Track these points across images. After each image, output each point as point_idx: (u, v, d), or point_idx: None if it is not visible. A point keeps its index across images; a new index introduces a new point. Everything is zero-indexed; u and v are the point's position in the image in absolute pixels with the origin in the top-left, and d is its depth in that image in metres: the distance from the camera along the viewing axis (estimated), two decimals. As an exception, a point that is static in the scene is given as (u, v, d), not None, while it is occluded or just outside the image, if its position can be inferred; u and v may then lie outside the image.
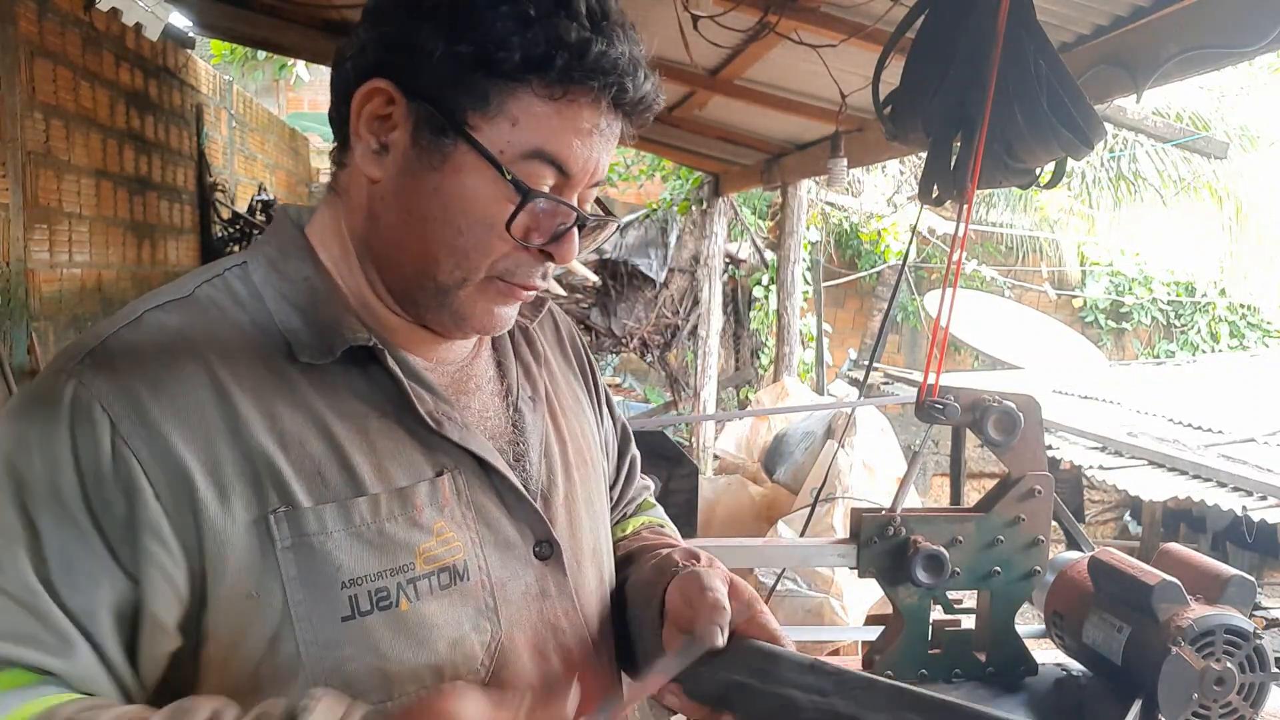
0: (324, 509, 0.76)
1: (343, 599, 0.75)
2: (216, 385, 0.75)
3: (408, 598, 0.78)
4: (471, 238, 0.78)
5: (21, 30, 3.86)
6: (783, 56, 3.22)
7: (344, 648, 0.75)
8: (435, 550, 0.80)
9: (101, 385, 0.72)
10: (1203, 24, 1.91)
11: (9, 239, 3.80)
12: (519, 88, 0.75)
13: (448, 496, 0.82)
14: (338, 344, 0.80)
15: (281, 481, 0.75)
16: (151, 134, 5.41)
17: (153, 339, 0.76)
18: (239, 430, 0.75)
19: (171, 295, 0.80)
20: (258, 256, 0.84)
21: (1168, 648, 1.23)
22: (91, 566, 0.70)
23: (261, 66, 11.49)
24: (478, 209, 0.78)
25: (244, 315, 0.80)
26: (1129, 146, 9.13)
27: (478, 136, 0.76)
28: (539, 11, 0.74)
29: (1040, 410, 1.47)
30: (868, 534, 1.43)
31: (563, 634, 0.89)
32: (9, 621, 0.69)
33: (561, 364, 1.04)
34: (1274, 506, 3.98)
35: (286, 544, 0.74)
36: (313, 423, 0.78)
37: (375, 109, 0.78)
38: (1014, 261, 11.23)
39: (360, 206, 0.82)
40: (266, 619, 0.74)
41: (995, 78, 1.53)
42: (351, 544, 0.76)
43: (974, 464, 7.67)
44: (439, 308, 0.83)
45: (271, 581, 0.74)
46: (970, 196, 1.61)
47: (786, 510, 4.15)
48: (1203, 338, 11.80)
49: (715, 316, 6.68)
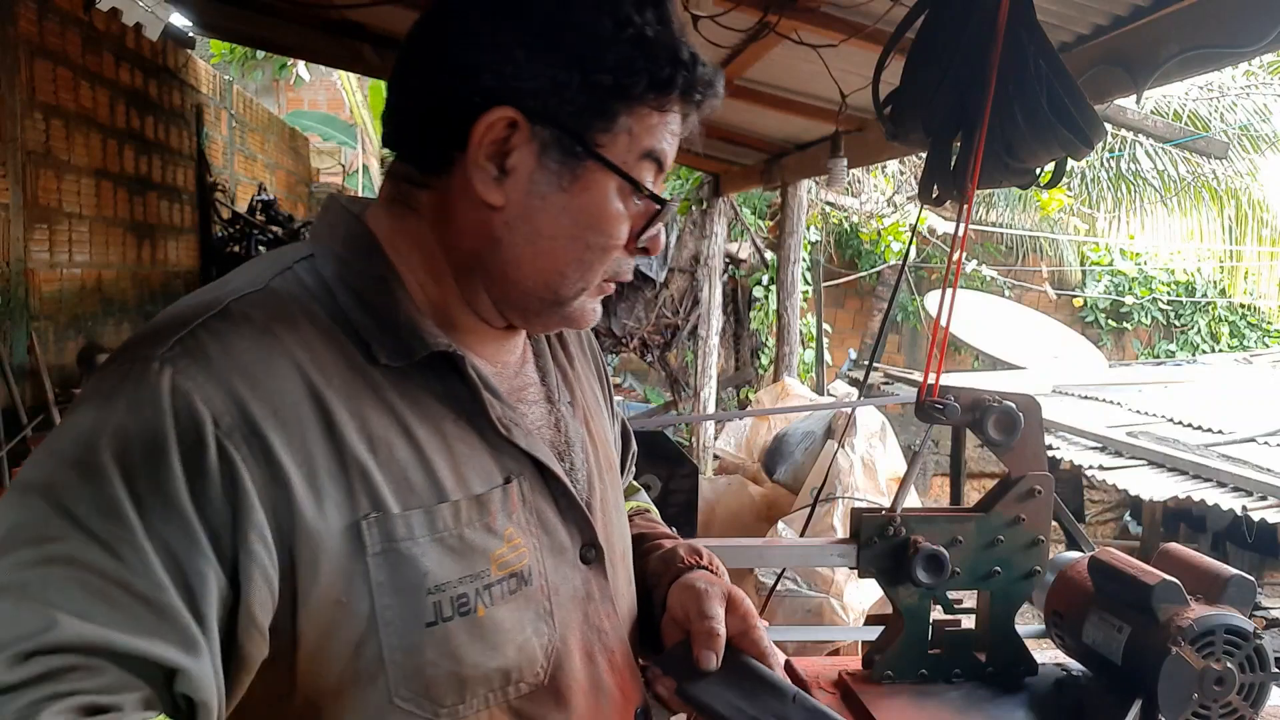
0: (412, 515, 0.76)
1: (428, 605, 0.76)
2: (308, 384, 0.74)
3: (484, 603, 0.79)
4: (597, 249, 0.82)
5: (21, 30, 3.86)
6: (783, 56, 3.22)
7: (426, 653, 0.76)
8: (506, 556, 0.81)
9: (199, 378, 0.70)
10: (1203, 24, 1.91)
11: (9, 239, 3.80)
12: (637, 104, 0.79)
13: (515, 503, 0.83)
14: (418, 348, 0.79)
15: (372, 486, 0.74)
16: (151, 134, 5.42)
17: (242, 332, 0.74)
18: (333, 432, 0.74)
19: (247, 286, 0.78)
20: (325, 251, 0.83)
21: (1168, 648, 1.23)
22: (201, 566, 0.67)
23: (261, 66, 11.50)
24: (605, 222, 0.81)
25: (320, 312, 0.78)
26: (1129, 146, 9.13)
27: (605, 154, 0.79)
28: (653, 33, 0.78)
29: (1040, 410, 1.47)
30: (868, 534, 1.43)
31: (605, 636, 0.91)
32: (137, 616, 0.65)
33: (585, 366, 1.06)
34: (1274, 506, 3.98)
35: (377, 550, 0.74)
36: (397, 426, 0.78)
37: (495, 136, 0.78)
38: (1014, 261, 11.23)
39: (471, 230, 0.81)
40: (353, 624, 0.74)
41: (995, 78, 1.53)
42: (436, 550, 0.77)
43: (974, 464, 7.67)
44: (550, 315, 0.86)
45: (360, 587, 0.73)
46: (970, 196, 1.61)
47: (786, 510, 4.15)
48: (1203, 338, 11.80)
49: (715, 316, 6.68)
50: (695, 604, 0.92)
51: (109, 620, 0.63)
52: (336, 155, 11.52)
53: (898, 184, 9.00)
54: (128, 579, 0.64)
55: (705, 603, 0.92)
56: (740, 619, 0.92)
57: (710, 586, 0.94)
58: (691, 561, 1.00)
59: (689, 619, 0.92)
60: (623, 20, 0.77)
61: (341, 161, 11.59)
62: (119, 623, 0.63)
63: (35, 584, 0.62)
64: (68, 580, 0.63)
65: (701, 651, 0.89)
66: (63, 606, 0.62)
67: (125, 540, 0.65)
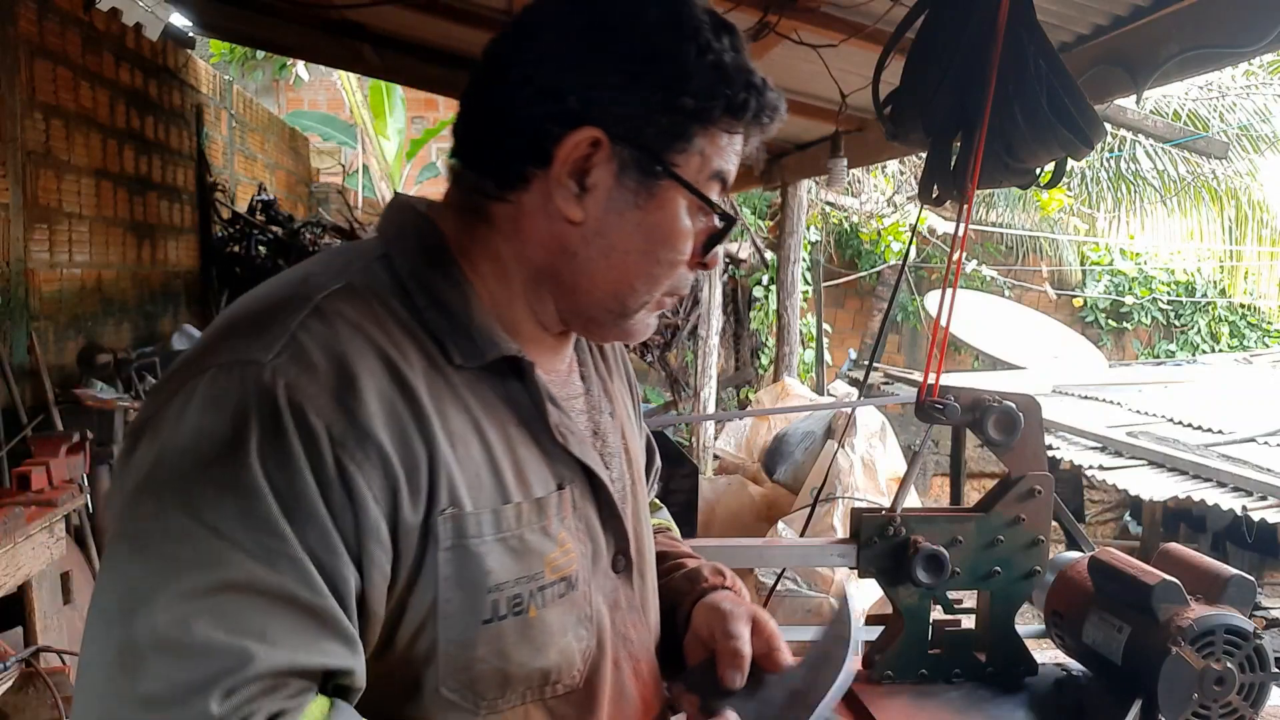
0: (481, 514, 0.78)
1: (487, 603, 0.78)
2: (400, 381, 0.76)
3: (535, 605, 0.81)
4: (666, 264, 0.85)
5: (21, 30, 3.86)
6: (783, 56, 3.22)
7: (478, 648, 0.78)
8: (558, 560, 0.84)
9: (308, 388, 0.72)
10: (1203, 24, 1.91)
11: (9, 239, 3.80)
12: (711, 127, 0.83)
13: (568, 508, 0.86)
14: (490, 351, 0.82)
15: (453, 482, 0.77)
16: (151, 134, 5.42)
17: (339, 334, 0.76)
18: (424, 427, 0.76)
19: (330, 282, 0.79)
20: (401, 252, 0.84)
21: (1168, 648, 1.23)
22: (343, 570, 0.71)
23: (261, 66, 11.50)
24: (675, 238, 0.84)
25: (401, 309, 0.81)
26: (1129, 146, 9.13)
27: (680, 173, 0.83)
28: (729, 60, 0.82)
29: (1040, 410, 1.47)
30: (868, 534, 1.43)
31: (631, 645, 0.93)
32: (309, 629, 0.69)
33: (620, 381, 1.09)
34: (1274, 506, 3.98)
35: (447, 545, 0.76)
36: (471, 426, 0.80)
37: (578, 154, 0.81)
38: (1014, 261, 11.23)
39: (545, 242, 0.84)
40: (415, 613, 0.77)
41: (995, 78, 1.53)
42: (499, 550, 0.79)
43: (974, 464, 7.66)
44: (613, 326, 0.89)
45: (428, 578, 0.76)
46: (970, 196, 1.61)
47: (786, 510, 4.15)
48: (1203, 338, 11.80)
49: (715, 316, 6.68)
50: (721, 624, 0.94)
51: (288, 640, 0.68)
52: (336, 155, 11.52)
53: (898, 184, 9.00)
54: (292, 591, 0.69)
55: (731, 623, 0.94)
56: (765, 640, 0.94)
57: (736, 607, 0.96)
58: (716, 582, 1.03)
59: (714, 638, 0.94)
60: (703, 47, 0.80)
61: (341, 161, 11.58)
62: (296, 640, 0.68)
63: (215, 614, 0.66)
64: (244, 606, 0.67)
65: (726, 670, 0.91)
66: (249, 634, 0.66)
67: (282, 554, 0.69)
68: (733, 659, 0.91)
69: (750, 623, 0.95)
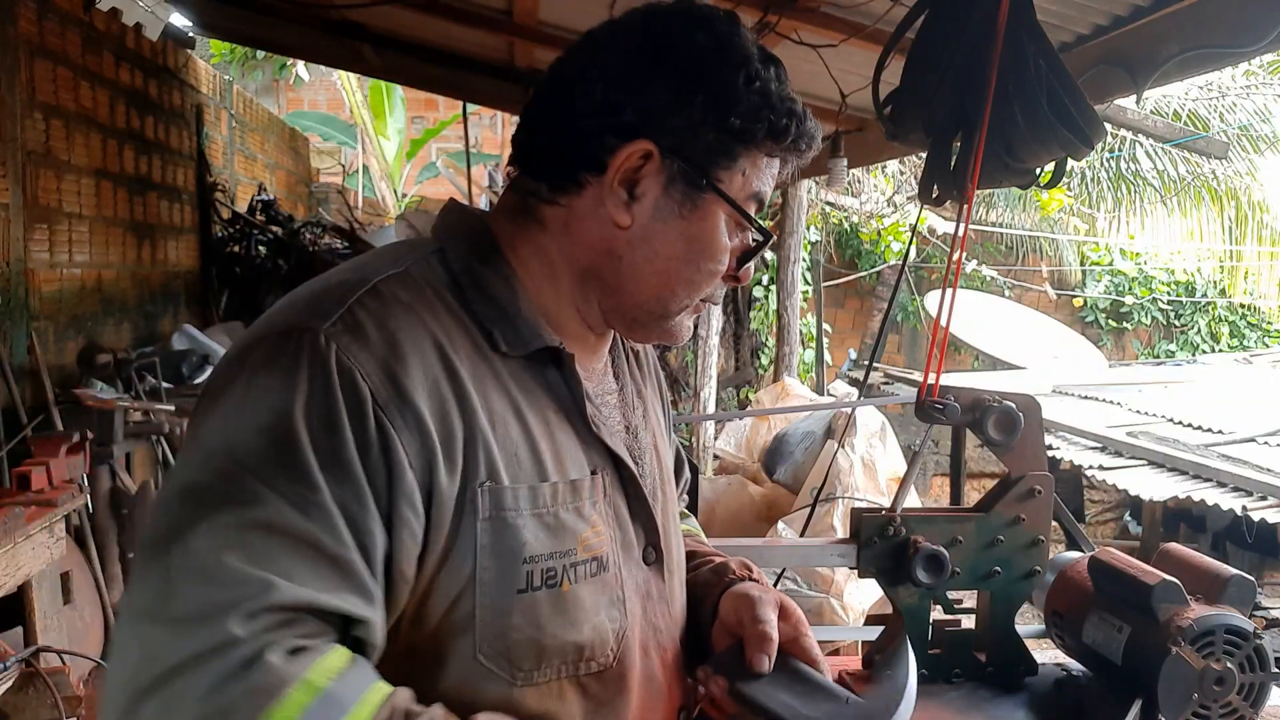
0: (519, 489, 0.84)
1: (521, 573, 0.83)
2: (446, 361, 0.82)
3: (569, 579, 0.86)
4: (705, 273, 0.92)
5: (21, 30, 3.86)
6: (783, 56, 3.20)
7: (513, 617, 0.83)
8: (590, 540, 0.89)
9: (359, 354, 0.78)
10: (1203, 24, 1.91)
11: (9, 239, 3.80)
12: (754, 149, 0.91)
13: (600, 494, 0.92)
14: (533, 342, 0.89)
15: (491, 457, 0.83)
16: (151, 134, 5.42)
17: (392, 311, 0.82)
18: (464, 405, 0.82)
19: (388, 268, 0.86)
20: (455, 248, 0.91)
21: (1168, 648, 1.23)
22: (371, 525, 0.76)
23: (261, 66, 11.50)
24: (716, 249, 0.92)
25: (452, 299, 0.88)
26: (1129, 146, 9.13)
27: (723, 189, 0.90)
28: (775, 89, 0.90)
29: (1040, 410, 1.47)
30: (868, 534, 1.43)
31: (660, 634, 0.98)
32: (330, 575, 0.73)
33: (651, 389, 1.14)
34: (1274, 506, 3.98)
35: (486, 516, 0.82)
36: (512, 408, 0.86)
37: (630, 164, 0.88)
38: (1014, 261, 11.23)
39: (593, 243, 0.91)
40: (455, 580, 0.81)
41: (995, 78, 1.53)
42: (534, 524, 0.85)
43: (974, 464, 7.66)
44: (655, 327, 0.95)
45: (466, 547, 0.81)
46: (970, 196, 1.61)
47: (786, 510, 4.15)
48: (1203, 338, 11.80)
49: (715, 316, 6.67)
50: (749, 609, 0.98)
51: (310, 581, 0.72)
52: (336, 155, 11.52)
53: (898, 184, 9.00)
54: (319, 538, 0.73)
55: (759, 608, 0.97)
56: (792, 626, 0.98)
57: (764, 594, 1.00)
58: (743, 574, 1.07)
59: (742, 623, 0.98)
60: (752, 75, 0.88)
61: (341, 161, 11.58)
62: (317, 583, 0.73)
63: (245, 547, 0.71)
64: (272, 544, 0.72)
65: (754, 654, 0.93)
66: (275, 568, 0.71)
67: (314, 502, 0.73)
68: (761, 643, 0.94)
69: (778, 609, 0.99)
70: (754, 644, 0.94)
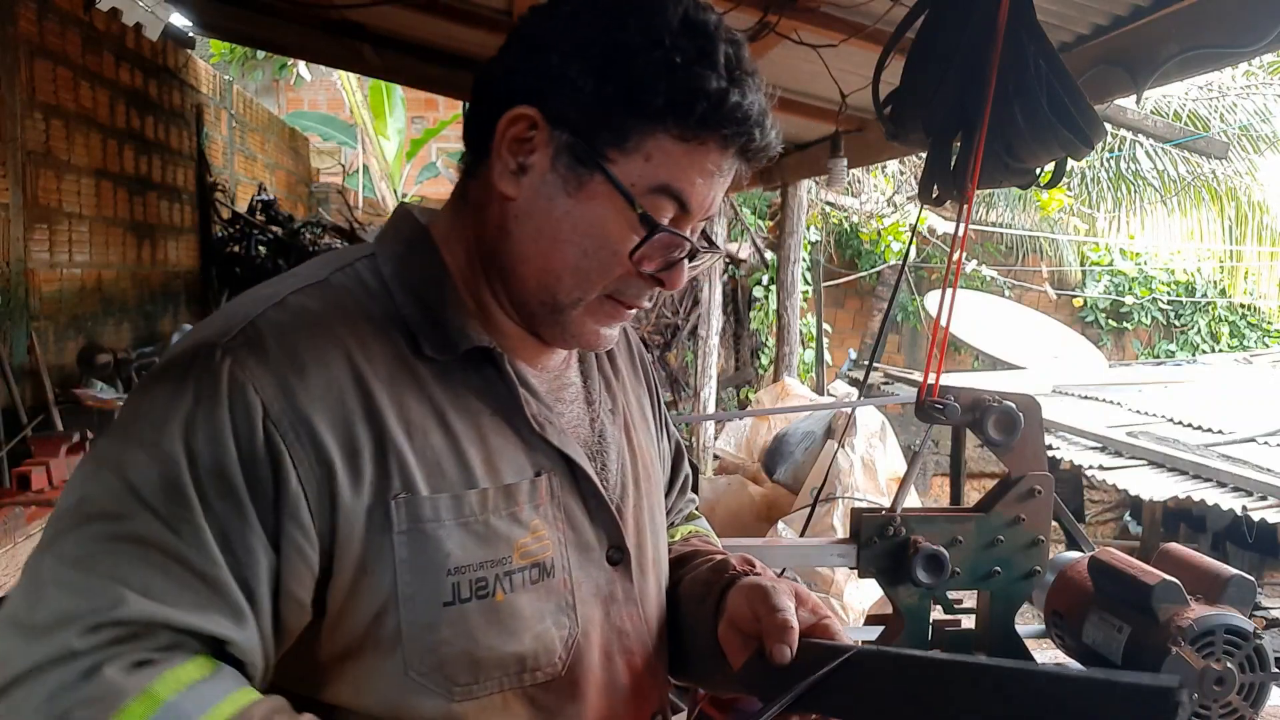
0: (439, 498, 0.80)
1: (446, 585, 0.80)
2: (354, 371, 0.79)
3: (503, 589, 0.82)
4: (595, 261, 0.83)
5: (21, 30, 3.86)
6: (783, 56, 3.22)
7: (442, 630, 0.80)
8: (530, 546, 0.85)
9: (254, 367, 0.76)
10: (1203, 24, 1.91)
11: (9, 239, 3.80)
12: (657, 129, 0.80)
13: (544, 496, 0.87)
14: (461, 343, 0.84)
15: (406, 468, 0.79)
16: (151, 134, 5.42)
17: (297, 322, 0.80)
18: (374, 415, 0.79)
19: (308, 279, 0.84)
20: (386, 251, 0.88)
21: (1168, 648, 1.23)
22: (251, 542, 0.74)
23: (261, 66, 11.49)
24: (605, 236, 0.83)
25: (375, 305, 0.84)
26: (1129, 146, 9.12)
27: (613, 169, 0.81)
28: (684, 59, 0.79)
29: (1040, 410, 1.47)
30: (868, 534, 1.43)
31: (627, 638, 0.93)
32: (192, 591, 0.72)
33: (633, 379, 1.09)
34: (1274, 506, 3.98)
35: (402, 529, 0.78)
36: (434, 415, 0.82)
37: (518, 132, 0.83)
38: (1014, 261, 11.22)
39: (491, 219, 0.87)
40: (375, 596, 0.78)
41: (995, 78, 1.53)
42: (460, 534, 0.81)
43: (974, 464, 7.67)
44: (552, 323, 0.88)
45: (384, 561, 0.78)
46: (970, 196, 1.61)
47: (786, 510, 4.15)
48: (1203, 338, 11.80)
49: (715, 316, 6.68)
50: (764, 600, 0.90)
51: (168, 596, 0.71)
52: (336, 155, 11.51)
53: (898, 184, 8.99)
54: (186, 555, 0.72)
55: (774, 597, 0.89)
56: (810, 611, 0.91)
57: (776, 583, 0.93)
58: (745, 569, 1.00)
59: (758, 617, 0.89)
60: (654, 41, 0.79)
61: (341, 161, 11.57)
62: (177, 599, 0.71)
63: (107, 559, 0.71)
64: (134, 558, 0.71)
65: (775, 645, 0.86)
66: (129, 583, 0.70)
67: (185, 519, 0.72)
68: (781, 633, 0.86)
69: (794, 597, 0.91)
70: (773, 635, 0.86)
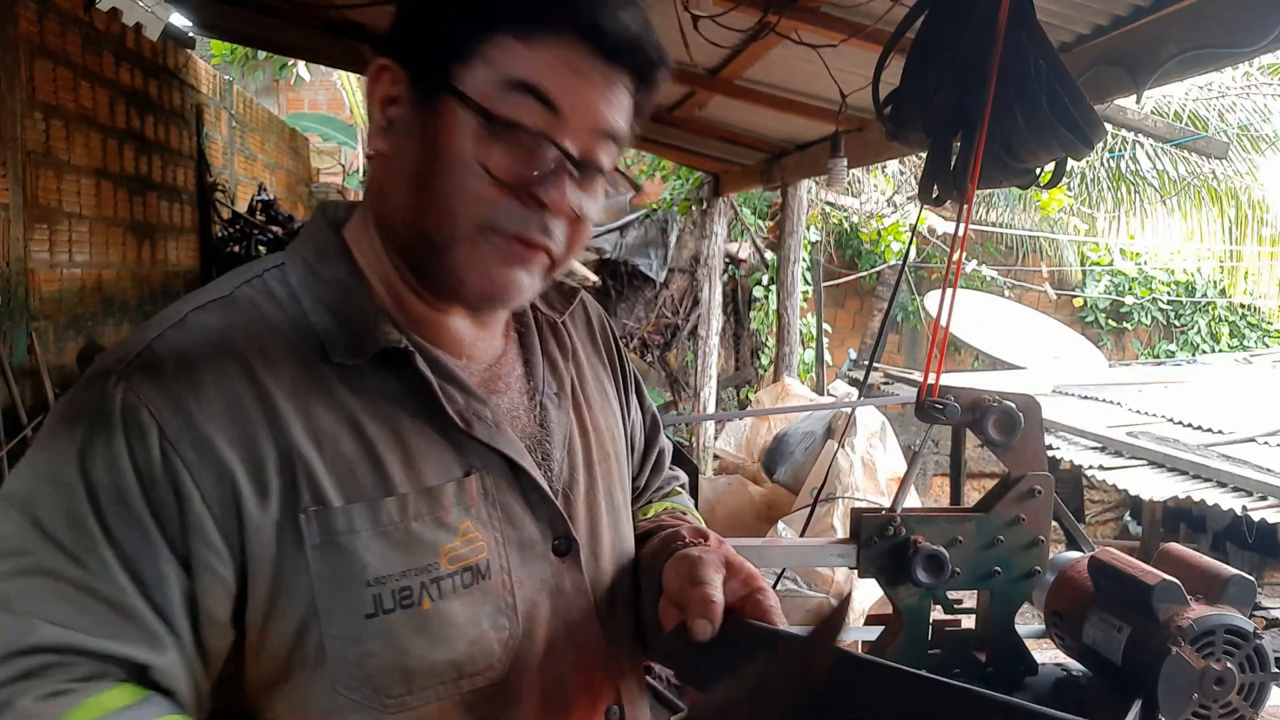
0: (353, 509, 0.77)
1: (367, 597, 0.77)
2: (256, 385, 0.77)
3: (430, 597, 0.79)
4: (455, 183, 0.77)
5: (21, 30, 3.86)
6: (783, 56, 3.22)
7: (367, 643, 0.77)
8: (460, 550, 0.81)
9: (148, 390, 0.74)
10: (1203, 24, 1.91)
11: (9, 239, 3.80)
12: (493, 34, 0.77)
13: (475, 496, 0.83)
14: (370, 345, 0.81)
15: (315, 480, 0.77)
16: (151, 134, 5.42)
17: (195, 340, 0.78)
18: (278, 429, 0.76)
19: (213, 295, 0.82)
20: (295, 258, 0.86)
21: (1168, 648, 1.23)
22: (161, 566, 0.72)
23: (261, 66, 11.49)
24: (456, 152, 0.77)
25: (281, 315, 0.81)
26: (1129, 146, 9.12)
27: (459, 85, 0.77)
28: None
29: (1040, 410, 1.47)
30: (868, 534, 1.43)
31: (576, 631, 0.89)
32: (104, 619, 0.71)
33: (591, 355, 1.04)
34: (1274, 506, 3.98)
35: (315, 542, 0.76)
36: (346, 422, 0.79)
37: (385, 90, 0.81)
38: (1014, 261, 11.22)
39: (374, 188, 0.85)
40: (294, 612, 0.76)
41: (995, 78, 1.53)
42: (378, 543, 0.78)
43: (974, 464, 7.67)
44: (442, 271, 0.81)
45: (300, 577, 0.76)
46: (970, 196, 1.61)
47: (786, 510, 4.15)
48: (1203, 338, 11.80)
49: (715, 316, 6.68)
50: (689, 571, 0.85)
51: (79, 624, 0.70)
52: (336, 155, 11.52)
53: (898, 184, 8.99)
54: (93, 585, 0.70)
55: (699, 569, 0.85)
56: (742, 582, 0.86)
57: (706, 554, 0.88)
58: (693, 540, 0.94)
59: (683, 587, 0.85)
60: None
61: (341, 161, 11.57)
62: (88, 626, 0.70)
63: (15, 594, 0.70)
64: (43, 590, 0.70)
65: (695, 621, 0.81)
66: (38, 614, 0.69)
67: (90, 550, 0.71)
68: (702, 607, 0.81)
69: (723, 567, 0.86)
70: (694, 609, 0.81)
